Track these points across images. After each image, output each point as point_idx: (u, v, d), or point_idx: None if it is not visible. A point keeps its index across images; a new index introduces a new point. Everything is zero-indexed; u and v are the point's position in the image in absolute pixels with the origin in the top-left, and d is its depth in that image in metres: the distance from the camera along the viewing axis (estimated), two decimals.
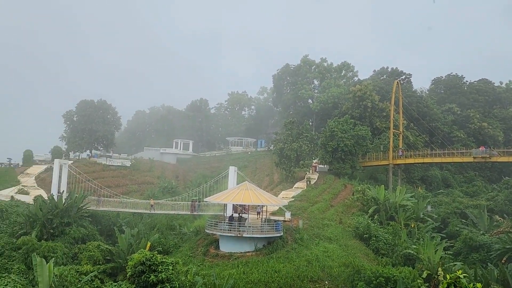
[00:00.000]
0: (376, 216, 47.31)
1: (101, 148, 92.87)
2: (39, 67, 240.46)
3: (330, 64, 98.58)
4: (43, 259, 29.48)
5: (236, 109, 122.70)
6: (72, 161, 65.34)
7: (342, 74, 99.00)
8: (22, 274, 33.33)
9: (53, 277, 28.61)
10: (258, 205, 42.30)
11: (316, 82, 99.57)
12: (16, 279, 31.36)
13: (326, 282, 32.76)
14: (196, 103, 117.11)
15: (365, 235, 42.26)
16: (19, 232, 40.10)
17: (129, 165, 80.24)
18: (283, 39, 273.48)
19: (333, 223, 45.08)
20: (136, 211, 51.30)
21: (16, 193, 54.02)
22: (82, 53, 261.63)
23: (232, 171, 49.60)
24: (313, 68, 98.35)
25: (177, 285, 27.71)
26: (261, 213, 43.33)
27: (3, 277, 31.51)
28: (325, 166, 68.95)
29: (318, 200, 53.11)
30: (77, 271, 33.21)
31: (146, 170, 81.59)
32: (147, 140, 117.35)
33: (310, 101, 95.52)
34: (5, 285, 29.79)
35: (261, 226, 39.30)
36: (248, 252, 37.54)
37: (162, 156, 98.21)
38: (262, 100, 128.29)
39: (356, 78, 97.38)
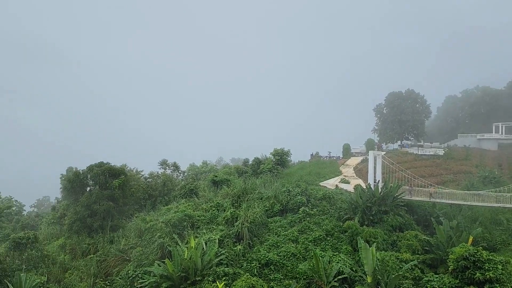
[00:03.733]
0: None
1: (412, 138, 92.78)
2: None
3: None
4: (366, 243, 32.17)
5: None
6: (384, 152, 68.27)
7: None
8: (349, 254, 37.36)
9: (376, 260, 30.74)
10: None
11: None
12: (345, 258, 35.57)
13: None
14: None
15: None
16: (344, 217, 45.09)
17: (442, 154, 76.63)
18: None
19: None
20: (457, 202, 48.30)
21: (339, 182, 61.00)
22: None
23: None
24: None
25: None
26: None
27: (335, 255, 36.36)
28: None
29: None
30: (397, 258, 34.44)
31: (461, 159, 75.65)
32: (460, 127, 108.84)
33: None
34: (337, 262, 34.28)
35: None
36: None
37: (480, 143, 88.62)
38: None
39: None
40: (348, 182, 60.97)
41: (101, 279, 39.89)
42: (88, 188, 57.01)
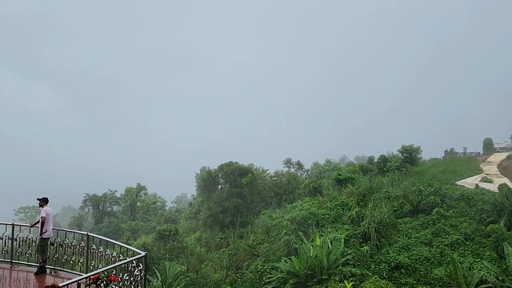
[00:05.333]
0: None
1: None
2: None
3: None
4: None
5: None
6: None
7: None
8: (494, 261, 33.31)
9: None
10: None
11: None
12: (489, 266, 31.81)
13: None
14: None
15: None
16: (487, 220, 40.27)
17: None
18: None
19: None
20: None
21: (480, 181, 54.81)
22: None
23: None
24: None
25: None
26: None
27: (476, 261, 32.83)
28: None
29: None
30: None
31: None
32: None
33: None
34: (479, 270, 30.86)
35: None
36: None
37: None
38: None
39: None
40: (491, 181, 54.46)
41: (232, 272, 42.42)
42: (219, 186, 61.31)
